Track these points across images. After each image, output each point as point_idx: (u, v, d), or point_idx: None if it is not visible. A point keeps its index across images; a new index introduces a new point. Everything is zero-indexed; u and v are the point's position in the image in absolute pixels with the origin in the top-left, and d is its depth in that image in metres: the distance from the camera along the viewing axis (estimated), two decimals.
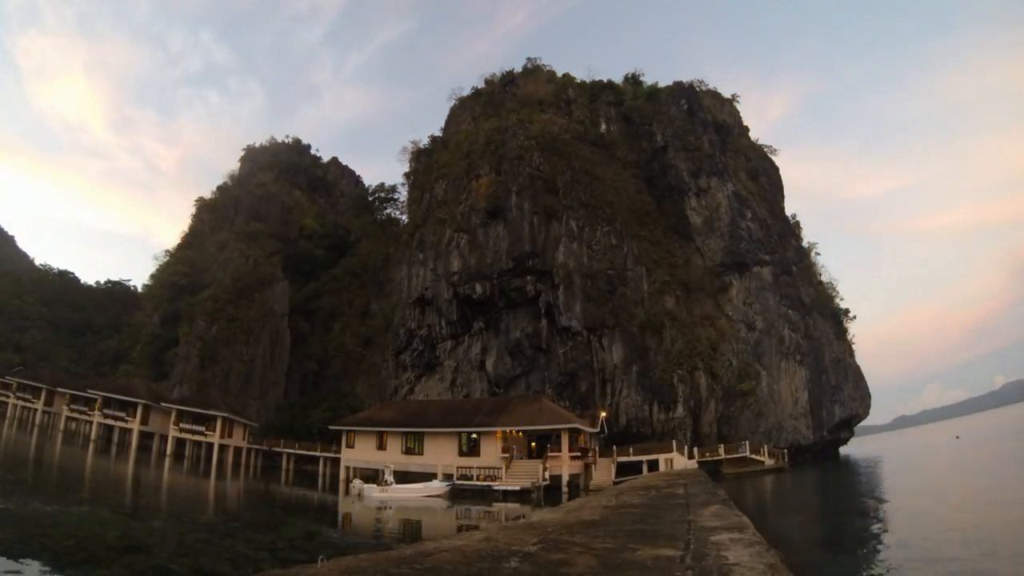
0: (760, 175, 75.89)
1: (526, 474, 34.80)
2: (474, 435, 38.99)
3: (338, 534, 19.57)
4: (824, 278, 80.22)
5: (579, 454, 38.91)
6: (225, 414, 52.50)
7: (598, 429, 44.23)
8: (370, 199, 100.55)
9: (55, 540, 12.35)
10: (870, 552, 13.80)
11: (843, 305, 78.92)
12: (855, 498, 27.43)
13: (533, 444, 39.80)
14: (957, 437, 76.15)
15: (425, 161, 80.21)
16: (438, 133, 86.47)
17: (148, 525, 16.97)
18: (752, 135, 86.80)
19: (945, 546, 12.95)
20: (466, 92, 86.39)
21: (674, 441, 43.93)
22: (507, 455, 36.57)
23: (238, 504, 27.41)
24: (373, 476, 35.68)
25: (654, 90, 79.02)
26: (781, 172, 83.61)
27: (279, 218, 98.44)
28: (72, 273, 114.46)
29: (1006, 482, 25.81)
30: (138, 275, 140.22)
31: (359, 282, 77.92)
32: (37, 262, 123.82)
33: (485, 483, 34.50)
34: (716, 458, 43.26)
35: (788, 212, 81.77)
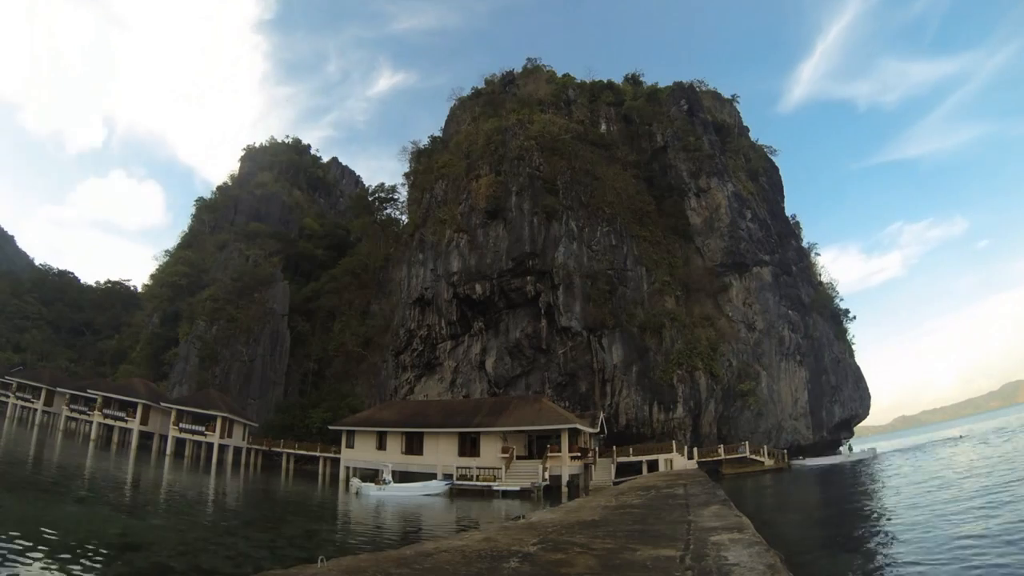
0: (760, 175, 75.96)
1: (526, 474, 34.81)
2: (474, 435, 38.99)
3: (338, 533, 19.57)
4: (824, 278, 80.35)
5: (579, 454, 38.92)
6: (225, 414, 52.48)
7: (598, 429, 44.24)
8: (370, 199, 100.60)
9: (55, 538, 12.35)
10: (870, 551, 13.80)
11: (843, 305, 79.04)
12: (854, 497, 27.43)
13: (533, 444, 39.81)
14: (960, 436, 76.76)
15: (425, 161, 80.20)
16: (438, 133, 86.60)
17: (148, 523, 16.97)
18: (752, 135, 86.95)
19: (945, 543, 12.95)
20: (466, 92, 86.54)
21: (674, 441, 43.94)
22: (507, 455, 36.58)
23: (238, 503, 27.40)
24: (373, 476, 35.70)
25: (654, 90, 79.04)
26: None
27: (279, 218, 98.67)
28: (72, 273, 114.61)
29: (1010, 480, 25.80)
30: (138, 275, 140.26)
31: (359, 282, 77.92)
32: (37, 262, 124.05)
33: (485, 483, 34.50)
34: (716, 458, 43.27)
35: (788, 212, 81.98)
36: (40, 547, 11.07)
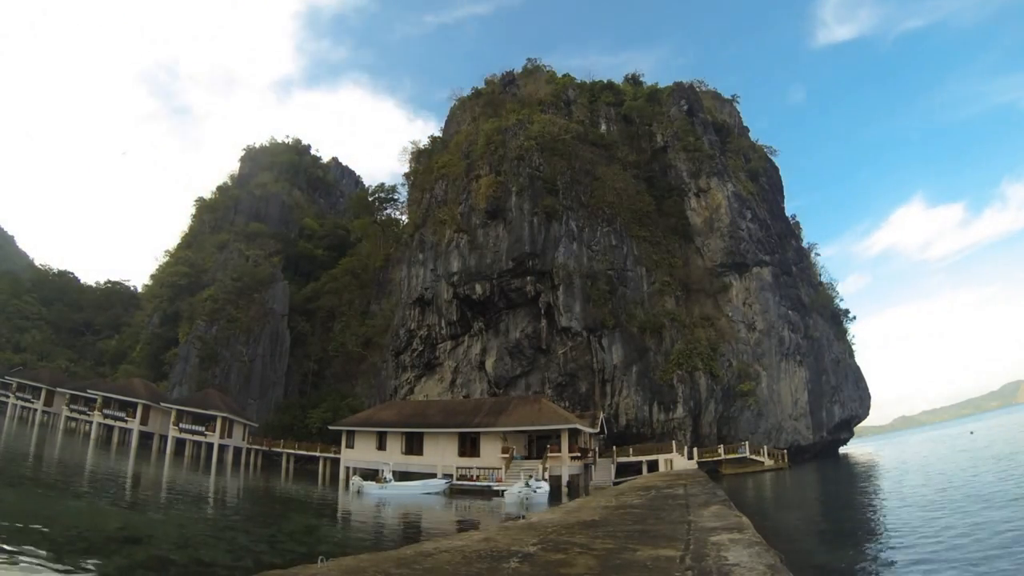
0: (760, 175, 75.91)
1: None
2: (474, 435, 38.99)
3: (337, 530, 19.59)
4: (824, 278, 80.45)
5: (579, 454, 38.92)
6: (225, 414, 52.50)
7: (598, 429, 44.24)
8: (370, 199, 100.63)
9: (56, 531, 12.38)
10: (870, 550, 13.81)
11: (843, 306, 79.15)
12: (854, 496, 27.46)
13: (533, 444, 39.81)
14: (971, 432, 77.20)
15: (425, 161, 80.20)
16: (438, 133, 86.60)
17: (148, 517, 17.00)
18: (752, 135, 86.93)
19: (944, 542, 12.96)
20: (466, 92, 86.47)
21: (674, 442, 43.95)
22: (507, 455, 36.59)
23: (238, 500, 27.42)
24: (373, 476, 35.74)
25: (654, 90, 79.03)
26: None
27: (279, 218, 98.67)
28: (72, 273, 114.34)
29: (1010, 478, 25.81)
30: (138, 275, 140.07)
31: (359, 282, 77.97)
32: (37, 262, 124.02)
33: (485, 483, 34.52)
34: (716, 458, 43.29)
35: (788, 212, 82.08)
36: (41, 540, 11.08)
